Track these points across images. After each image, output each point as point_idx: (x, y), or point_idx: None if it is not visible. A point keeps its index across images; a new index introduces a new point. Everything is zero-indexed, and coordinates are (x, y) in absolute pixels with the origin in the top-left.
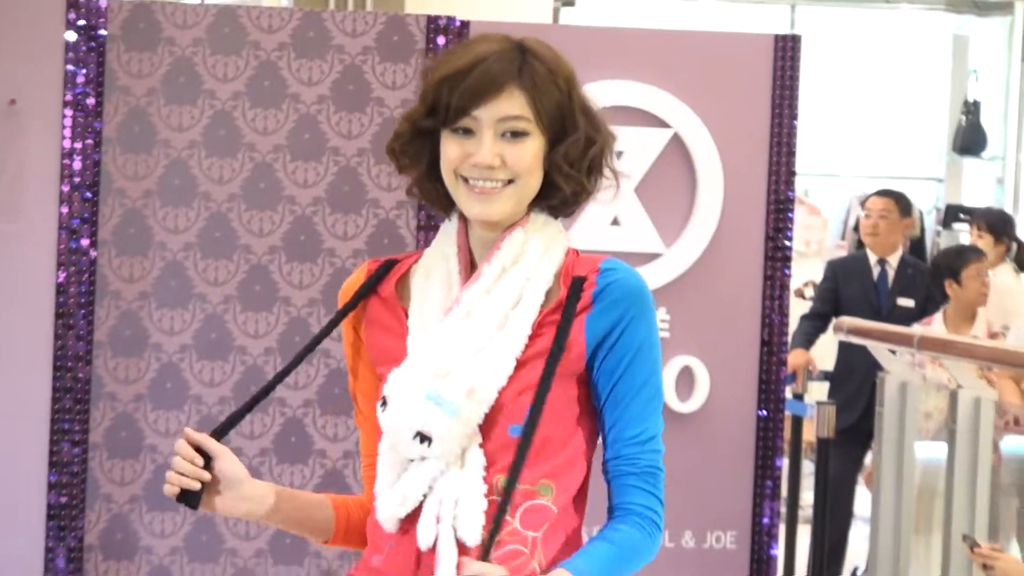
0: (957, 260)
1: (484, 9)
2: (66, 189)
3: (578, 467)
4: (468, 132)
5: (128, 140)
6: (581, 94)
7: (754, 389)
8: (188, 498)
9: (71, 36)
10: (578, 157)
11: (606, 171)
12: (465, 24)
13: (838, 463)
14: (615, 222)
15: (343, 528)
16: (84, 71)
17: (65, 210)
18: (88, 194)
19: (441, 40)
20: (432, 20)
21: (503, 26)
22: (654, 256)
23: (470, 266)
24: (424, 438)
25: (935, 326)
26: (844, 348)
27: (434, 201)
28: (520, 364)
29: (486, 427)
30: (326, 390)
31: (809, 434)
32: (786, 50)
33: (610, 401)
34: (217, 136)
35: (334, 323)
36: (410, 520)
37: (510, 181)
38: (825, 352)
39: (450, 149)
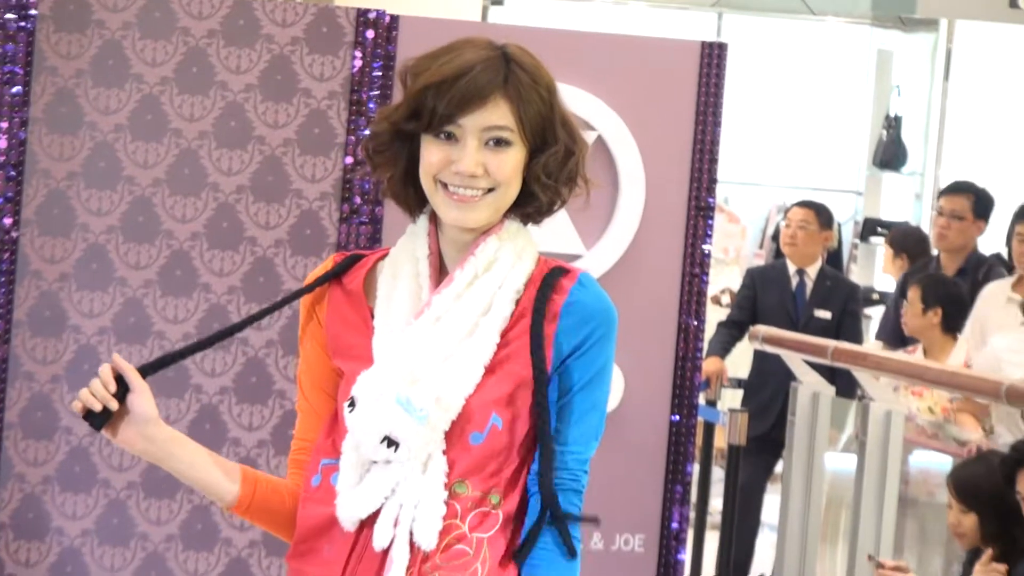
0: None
1: (413, 5)
2: None
3: (522, 479)
4: (451, 137)
5: (54, 121)
6: (561, 104)
7: (668, 394)
8: (92, 418)
9: (1, 15)
10: (557, 168)
11: (579, 181)
12: (395, 19)
13: (748, 471)
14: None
15: (245, 505)
16: (12, 50)
17: None
18: (12, 173)
19: (370, 33)
20: (362, 13)
21: (432, 22)
22: (574, 257)
23: (439, 269)
24: (391, 443)
25: (918, 354)
26: (759, 357)
27: (403, 203)
28: (488, 371)
29: (449, 434)
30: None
31: (721, 441)
32: (712, 58)
33: (561, 415)
34: (144, 120)
35: (297, 295)
36: (365, 520)
37: (490, 190)
38: (740, 360)
39: (432, 154)
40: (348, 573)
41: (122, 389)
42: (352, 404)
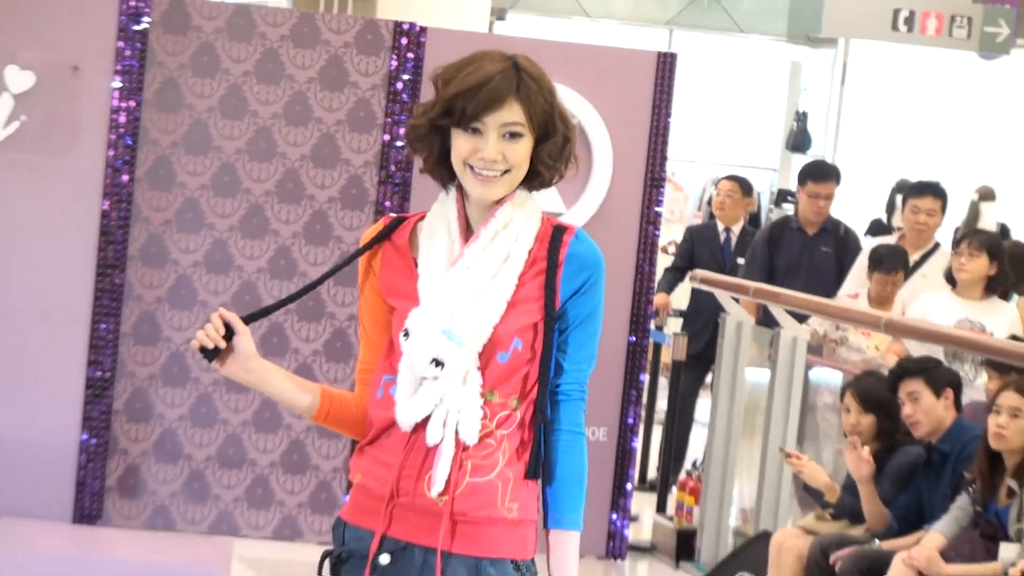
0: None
1: (436, 18)
2: (113, 138)
3: (535, 390)
4: (476, 131)
5: (161, 103)
6: (559, 102)
7: (627, 320)
8: (205, 353)
9: (123, 21)
10: (557, 153)
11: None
12: (423, 29)
13: (686, 381)
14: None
15: (323, 415)
16: (131, 48)
17: (111, 153)
18: (129, 141)
19: (404, 40)
20: (398, 25)
21: (451, 33)
22: (557, 215)
23: (467, 228)
24: (438, 363)
25: (860, 301)
26: (696, 293)
27: (438, 178)
28: (509, 306)
29: (481, 354)
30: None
31: (666, 357)
32: (665, 64)
33: (567, 342)
34: (229, 104)
35: (357, 254)
36: (419, 423)
37: (506, 171)
38: (681, 296)
39: (462, 144)
40: (403, 463)
41: (228, 332)
42: (407, 334)
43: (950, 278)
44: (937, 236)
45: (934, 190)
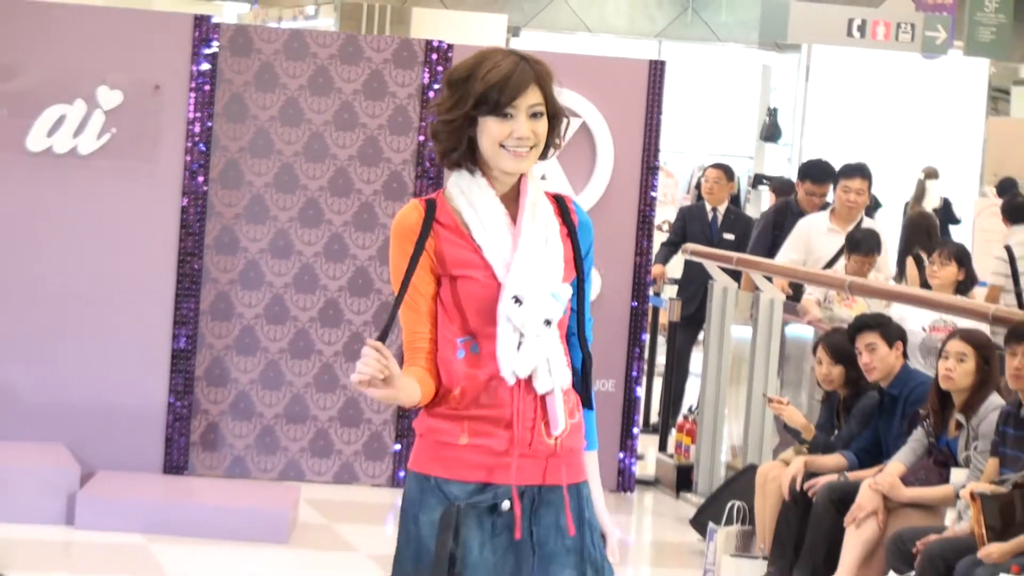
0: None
1: (461, 36)
2: (189, 145)
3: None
4: (508, 116)
5: (230, 114)
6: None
7: (629, 288)
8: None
9: (196, 46)
10: (562, 129)
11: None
12: (451, 46)
13: (681, 338)
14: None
15: (426, 402)
16: (203, 69)
17: (188, 158)
18: (203, 148)
19: (434, 56)
20: (429, 43)
21: (474, 49)
22: None
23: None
24: (548, 322)
25: (838, 268)
26: (688, 264)
27: (465, 166)
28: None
29: None
30: None
31: (663, 319)
32: (656, 71)
33: (582, 294)
34: (287, 114)
35: (421, 243)
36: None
37: (533, 146)
38: (675, 266)
39: (495, 129)
40: (515, 412)
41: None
42: (518, 300)
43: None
44: (887, 210)
45: (862, 171)
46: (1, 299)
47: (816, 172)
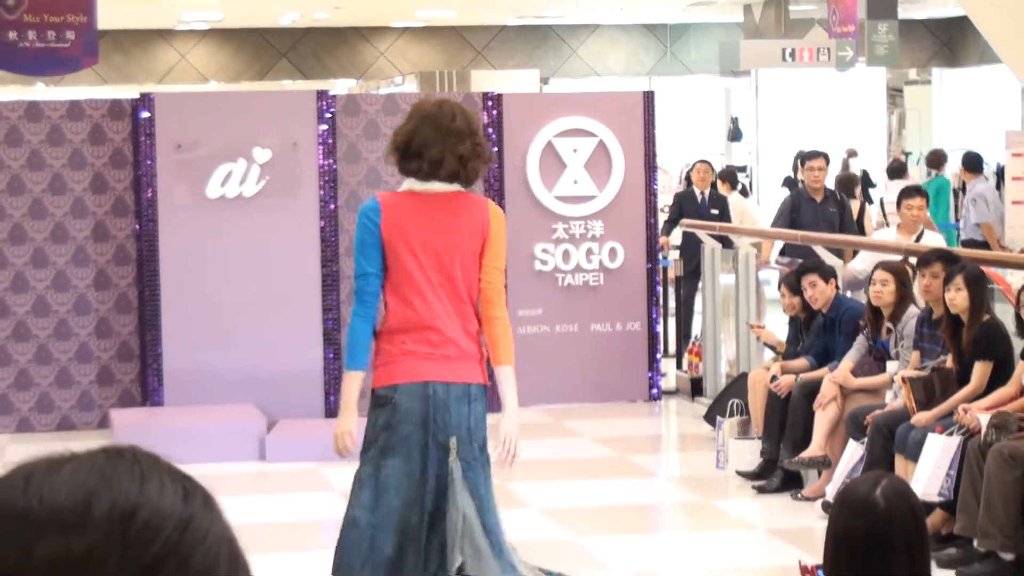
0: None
1: (507, 87)
2: (321, 183)
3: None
4: None
5: (348, 158)
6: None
7: (644, 254)
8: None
9: (320, 113)
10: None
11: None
12: (499, 96)
13: (685, 288)
14: (575, 181)
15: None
16: (326, 128)
17: (322, 192)
18: (331, 184)
19: (489, 103)
20: (485, 94)
21: (516, 95)
22: (592, 196)
23: None
24: None
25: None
26: (685, 234)
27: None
28: None
29: None
30: None
31: (671, 275)
32: (648, 99)
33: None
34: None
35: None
36: None
37: None
38: (676, 236)
39: None
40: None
41: None
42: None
43: None
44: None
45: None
46: (197, 304)
47: (804, 154)
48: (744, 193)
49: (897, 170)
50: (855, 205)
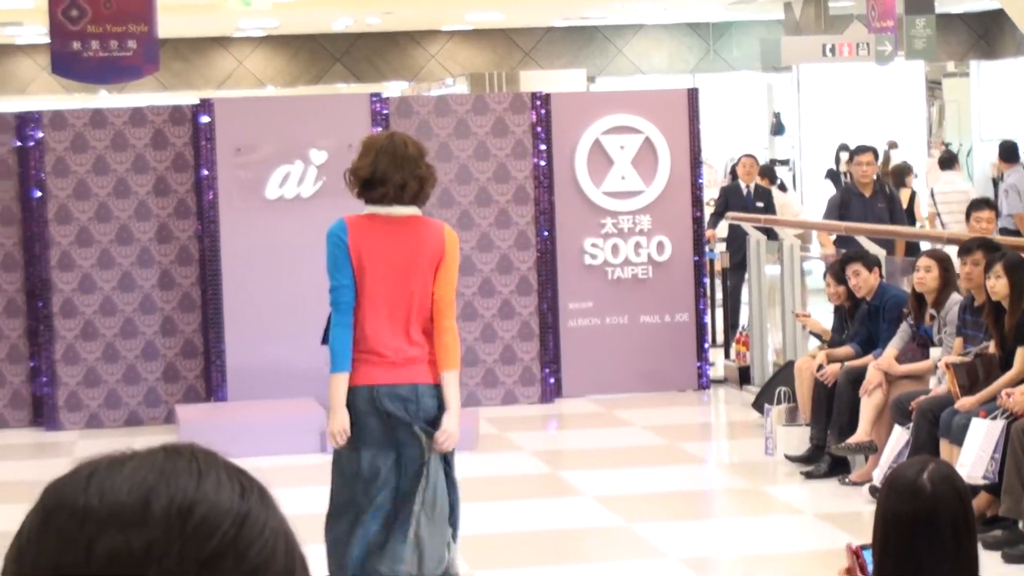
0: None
1: (554, 87)
2: None
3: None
4: None
5: None
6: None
7: (691, 248)
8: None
9: (375, 115)
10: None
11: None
12: (548, 95)
13: (732, 279)
14: (622, 177)
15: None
16: (379, 128)
17: None
18: None
19: (538, 102)
20: (534, 95)
21: (564, 95)
22: (640, 192)
23: None
24: None
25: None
26: (731, 227)
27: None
28: None
29: None
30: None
31: (718, 266)
32: (693, 95)
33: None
34: (441, 154)
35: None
36: None
37: None
38: (722, 229)
39: None
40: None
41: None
42: None
43: None
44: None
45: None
46: (258, 302)
47: (852, 149)
48: (783, 188)
49: (948, 160)
50: (905, 194)
